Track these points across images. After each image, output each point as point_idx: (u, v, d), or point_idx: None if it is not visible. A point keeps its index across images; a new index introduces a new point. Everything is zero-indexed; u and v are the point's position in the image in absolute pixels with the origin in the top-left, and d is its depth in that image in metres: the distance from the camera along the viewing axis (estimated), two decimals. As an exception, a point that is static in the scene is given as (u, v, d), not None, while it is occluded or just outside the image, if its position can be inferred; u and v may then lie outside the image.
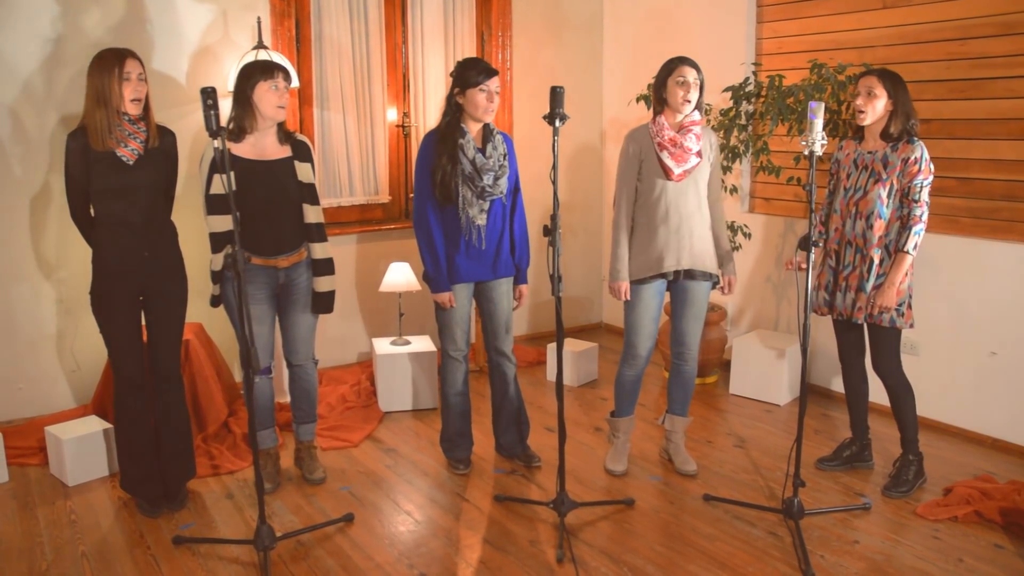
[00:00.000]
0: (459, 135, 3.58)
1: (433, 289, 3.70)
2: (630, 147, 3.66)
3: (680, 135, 3.58)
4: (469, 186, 3.59)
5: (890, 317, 3.55)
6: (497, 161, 3.64)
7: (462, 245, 3.65)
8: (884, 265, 3.54)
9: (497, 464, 4.03)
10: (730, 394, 4.95)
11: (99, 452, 3.88)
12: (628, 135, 3.71)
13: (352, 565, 3.16)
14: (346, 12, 5.08)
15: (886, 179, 3.50)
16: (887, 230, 3.53)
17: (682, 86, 3.55)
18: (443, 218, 3.66)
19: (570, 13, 5.93)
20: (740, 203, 5.24)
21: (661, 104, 3.65)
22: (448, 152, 3.57)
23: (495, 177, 3.62)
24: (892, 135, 3.51)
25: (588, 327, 6.31)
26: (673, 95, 3.57)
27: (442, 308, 3.73)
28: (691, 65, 3.58)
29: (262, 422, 3.74)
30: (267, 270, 3.54)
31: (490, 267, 3.73)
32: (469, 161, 3.57)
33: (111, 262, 3.37)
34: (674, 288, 3.76)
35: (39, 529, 3.44)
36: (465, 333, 3.81)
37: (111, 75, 3.21)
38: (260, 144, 3.50)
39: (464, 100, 3.57)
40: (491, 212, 3.67)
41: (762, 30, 5.09)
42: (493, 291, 3.79)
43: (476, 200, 3.61)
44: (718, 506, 3.59)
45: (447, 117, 3.63)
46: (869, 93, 3.51)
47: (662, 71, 3.63)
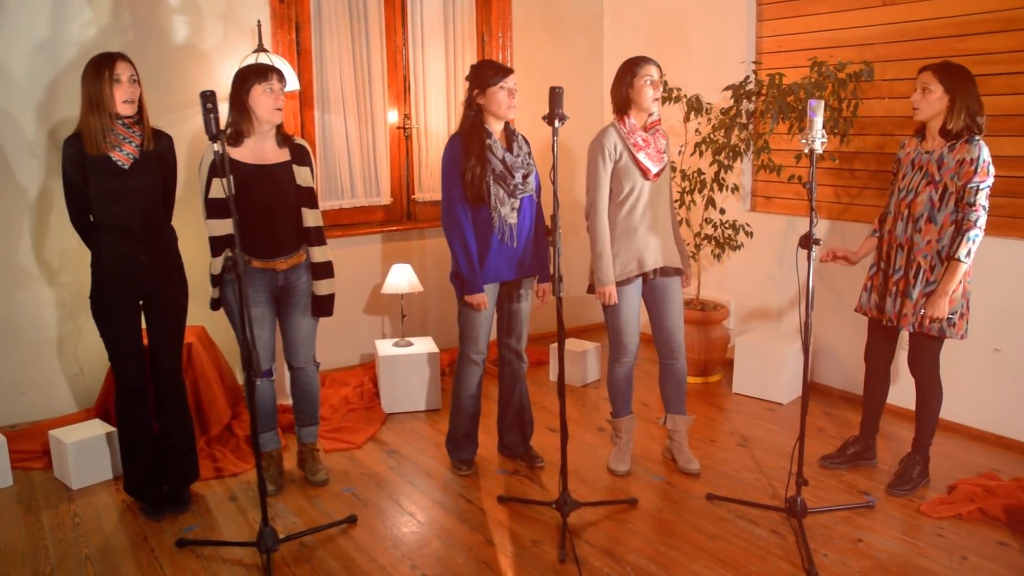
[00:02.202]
0: (485, 135, 3.59)
1: (467, 291, 3.66)
2: (604, 149, 3.62)
3: (650, 135, 3.61)
4: (501, 185, 3.59)
5: (939, 327, 3.45)
6: (524, 159, 3.66)
7: (494, 244, 3.64)
8: (936, 272, 3.42)
9: (500, 465, 4.03)
10: (733, 393, 4.95)
11: (102, 456, 3.89)
12: (599, 137, 3.66)
13: (355, 567, 3.16)
14: (346, 14, 5.09)
15: (939, 181, 3.39)
16: (940, 235, 3.41)
17: (652, 85, 3.56)
18: (474, 219, 3.64)
19: (570, 14, 5.93)
20: (741, 202, 5.24)
21: (628, 104, 3.63)
22: (476, 153, 3.57)
23: (524, 175, 3.64)
24: (951, 132, 3.39)
25: (590, 327, 6.30)
26: (643, 95, 3.58)
27: (474, 310, 3.71)
28: (655, 64, 3.60)
29: (264, 424, 3.74)
30: (266, 273, 3.55)
31: (518, 265, 3.73)
32: (499, 160, 3.58)
33: (109, 266, 3.38)
34: (650, 286, 3.77)
35: (43, 533, 3.45)
36: (487, 336, 3.81)
37: (102, 78, 3.22)
38: (258, 148, 3.50)
39: (485, 100, 3.58)
40: (521, 210, 3.68)
41: (762, 28, 5.09)
42: (517, 290, 3.81)
43: (508, 198, 3.61)
44: (721, 505, 3.59)
45: (469, 119, 3.63)
46: (924, 89, 3.41)
47: (625, 72, 3.61)
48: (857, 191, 4.69)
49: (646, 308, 3.84)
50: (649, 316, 3.86)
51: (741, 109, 4.77)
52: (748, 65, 5.03)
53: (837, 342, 4.73)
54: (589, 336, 5.91)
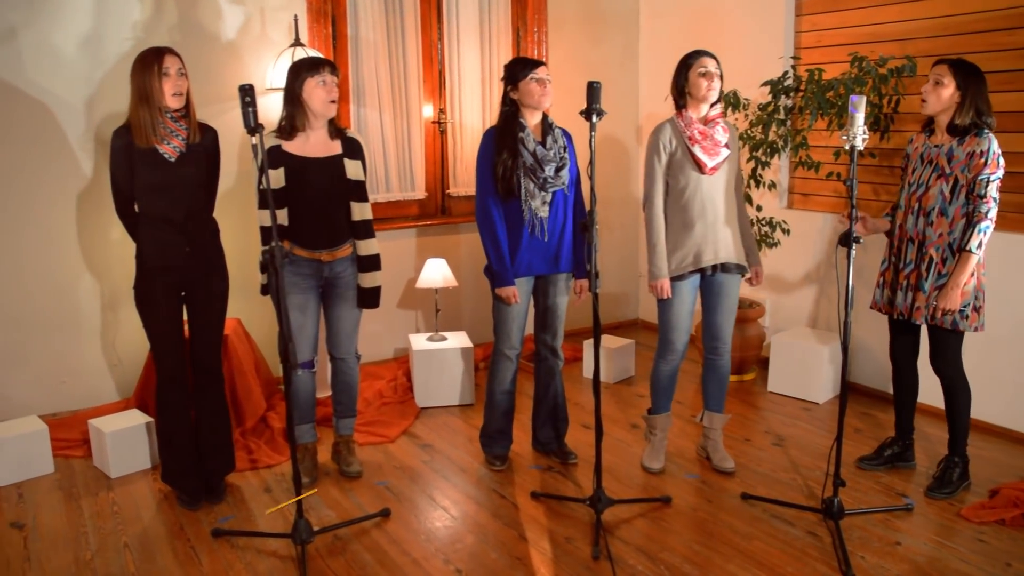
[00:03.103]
0: (518, 129, 3.61)
1: (497, 284, 3.69)
2: (660, 143, 3.63)
3: (708, 128, 3.56)
4: (531, 178, 3.60)
5: (952, 319, 3.45)
6: (557, 153, 3.65)
7: (524, 238, 3.65)
8: (947, 265, 3.44)
9: (534, 460, 4.02)
10: (768, 392, 4.90)
11: (141, 445, 3.94)
12: (655, 132, 3.67)
13: (389, 560, 3.17)
14: (382, 9, 5.10)
15: (949, 174, 3.41)
16: (951, 228, 3.42)
17: (705, 76, 3.53)
18: (505, 213, 3.66)
19: (606, 9, 5.90)
20: (778, 199, 5.18)
21: (684, 98, 3.63)
22: (508, 146, 3.60)
23: (556, 168, 3.63)
24: (958, 127, 3.41)
25: (624, 323, 6.28)
26: (698, 87, 3.55)
27: (505, 303, 3.72)
28: (711, 56, 3.57)
29: (302, 416, 3.77)
30: (312, 263, 3.59)
31: (552, 260, 3.73)
32: (530, 153, 3.59)
33: (153, 257, 3.42)
34: (708, 282, 3.73)
35: (83, 519, 3.51)
36: (521, 330, 3.80)
37: (151, 72, 3.26)
38: (310, 141, 3.54)
39: (519, 94, 3.62)
40: (553, 204, 3.67)
41: (801, 23, 5.03)
42: (552, 285, 3.80)
43: (538, 192, 3.61)
44: (756, 505, 3.56)
45: (504, 115, 3.67)
46: (936, 82, 3.40)
47: (681, 65, 3.61)
48: (896, 188, 4.61)
49: (701, 302, 3.82)
50: (702, 310, 3.84)
51: (779, 105, 4.72)
52: (787, 60, 4.97)
53: (874, 341, 4.66)
54: (623, 332, 5.88)
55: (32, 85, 4.19)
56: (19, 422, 3.99)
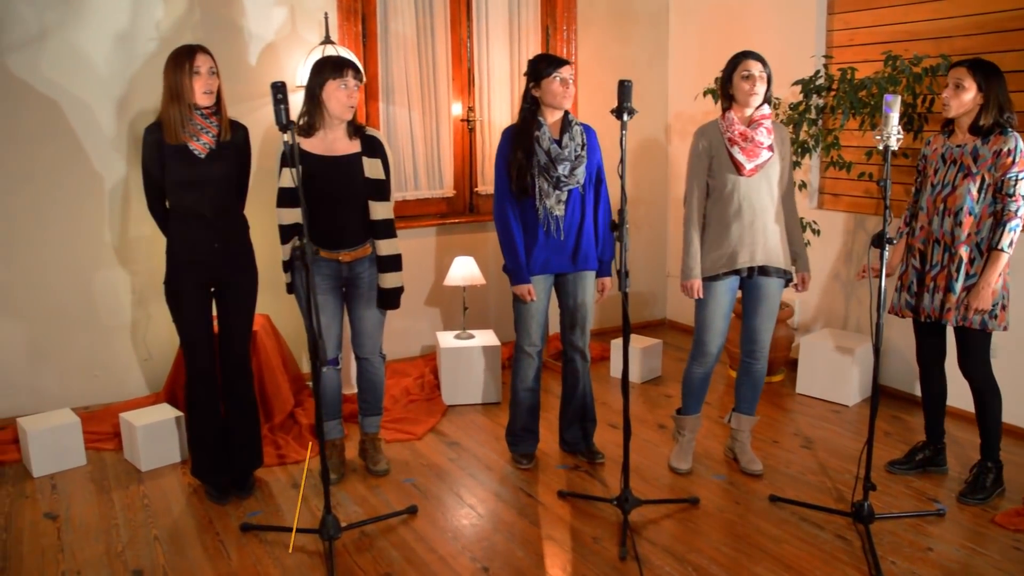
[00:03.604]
0: (535, 128, 3.61)
1: (513, 281, 3.70)
2: (700, 143, 3.62)
3: (751, 129, 3.53)
4: (545, 176, 3.60)
5: (981, 319, 3.41)
6: (573, 151, 3.64)
7: (540, 236, 3.65)
8: (975, 264, 3.40)
9: (560, 460, 4.02)
10: (796, 393, 4.86)
11: (171, 439, 3.98)
12: (698, 131, 3.66)
13: (416, 557, 3.18)
14: (412, 7, 5.11)
15: (976, 173, 3.37)
16: (978, 227, 3.39)
17: (747, 80, 3.50)
18: (521, 210, 3.67)
19: (636, 7, 5.87)
20: (808, 199, 5.13)
21: (728, 100, 3.60)
22: (523, 145, 3.61)
23: (571, 167, 3.62)
24: (982, 128, 3.37)
25: (652, 323, 6.25)
26: (739, 89, 3.52)
27: (522, 301, 3.73)
28: (756, 58, 3.53)
29: (329, 413, 3.78)
30: (331, 263, 3.59)
31: (569, 258, 3.72)
32: (544, 152, 3.59)
33: (183, 253, 3.45)
34: (747, 285, 3.70)
35: (115, 512, 3.55)
36: (541, 327, 3.80)
37: (183, 70, 3.29)
38: (328, 139, 3.53)
39: (540, 92, 3.62)
40: (569, 202, 3.67)
41: (833, 21, 4.98)
42: (573, 284, 3.78)
43: (552, 191, 3.61)
44: (784, 507, 3.53)
45: (524, 112, 3.67)
46: (957, 85, 3.37)
47: (727, 66, 3.59)
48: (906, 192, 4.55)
49: (740, 305, 3.79)
50: (741, 313, 3.82)
51: (810, 104, 4.67)
52: (818, 59, 4.92)
53: (904, 344, 4.61)
54: (651, 332, 5.86)
55: (66, 84, 4.24)
56: (53, 414, 4.04)
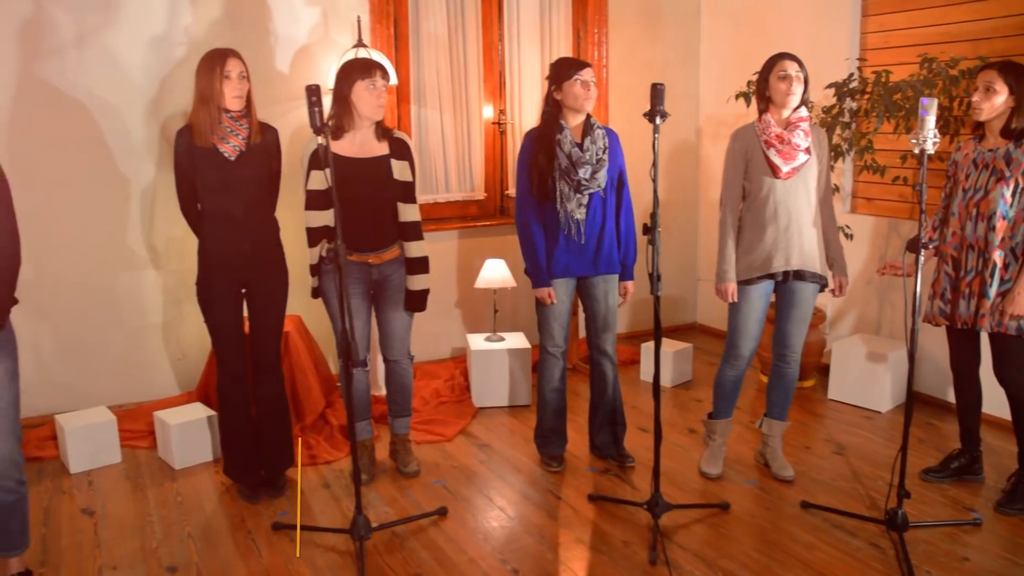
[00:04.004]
0: (556, 131, 3.61)
1: (534, 284, 3.72)
2: (736, 145, 3.59)
3: (787, 132, 3.50)
4: (566, 180, 3.60)
5: (1017, 325, 3.36)
6: (595, 155, 3.63)
7: (561, 240, 3.66)
8: (1010, 270, 3.36)
9: (590, 463, 4.01)
10: (828, 399, 4.81)
11: (204, 438, 4.02)
12: (734, 134, 3.64)
13: (446, 558, 3.19)
14: (443, 9, 5.13)
15: (1010, 177, 3.32)
16: (1012, 231, 3.34)
17: (784, 80, 3.48)
18: (543, 213, 3.67)
19: (667, 9, 5.85)
20: (841, 203, 5.08)
21: (765, 102, 3.57)
22: (545, 149, 3.61)
23: (592, 170, 3.61)
24: (1014, 131, 3.33)
25: (682, 327, 6.23)
26: (776, 91, 3.50)
27: (543, 304, 3.73)
28: (792, 59, 3.51)
29: (358, 414, 3.79)
30: (360, 266, 3.61)
31: (591, 262, 3.72)
32: (565, 155, 3.59)
33: (215, 254, 3.49)
34: (781, 289, 3.67)
35: (149, 509, 3.59)
36: (564, 329, 3.80)
37: (213, 74, 3.32)
38: (357, 142, 3.55)
39: (562, 95, 3.61)
40: (590, 206, 3.66)
41: (867, 24, 4.92)
42: (595, 288, 3.78)
43: (573, 194, 3.61)
44: (816, 514, 3.50)
45: (545, 115, 3.67)
46: (987, 88, 3.33)
47: (764, 68, 3.57)
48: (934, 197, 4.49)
49: (774, 309, 3.76)
50: (774, 317, 3.79)
51: (844, 108, 4.63)
52: (852, 62, 4.87)
53: (938, 350, 4.55)
54: (681, 336, 5.83)
55: (100, 88, 4.30)
56: (89, 412, 4.10)
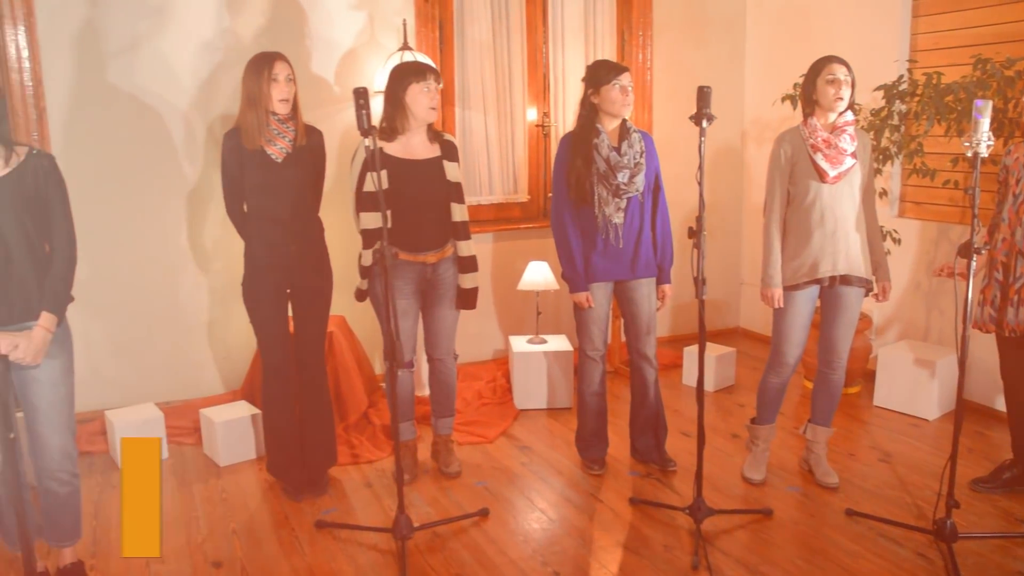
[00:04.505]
0: (593, 135, 3.60)
1: (571, 289, 3.72)
2: (781, 149, 3.55)
3: (834, 136, 3.46)
4: (604, 184, 3.59)
5: None
6: (632, 159, 3.62)
7: (599, 244, 3.65)
8: None
9: (631, 466, 4.00)
10: (874, 406, 4.74)
11: (248, 436, 4.08)
12: (779, 137, 3.60)
13: (487, 559, 3.20)
14: (488, 13, 5.16)
15: None
16: None
17: (832, 84, 3.44)
18: (580, 218, 3.67)
19: (712, 11, 5.81)
20: (889, 207, 5.01)
21: (811, 105, 3.54)
22: (582, 153, 3.60)
23: (630, 175, 3.61)
24: None
25: (725, 331, 6.18)
26: (824, 94, 3.46)
27: (580, 308, 3.73)
28: (841, 63, 3.47)
29: (402, 414, 3.82)
30: (415, 266, 3.63)
31: (628, 266, 3.71)
32: (603, 159, 3.58)
33: (261, 256, 3.53)
34: (826, 294, 3.63)
35: (195, 504, 3.65)
36: (603, 333, 3.80)
37: (261, 77, 3.37)
38: (410, 144, 3.59)
39: (599, 99, 3.61)
40: (628, 210, 3.65)
41: (918, 24, 4.84)
42: (633, 291, 3.76)
43: (612, 199, 3.60)
44: (861, 522, 3.44)
45: (582, 119, 3.67)
46: None
47: (810, 71, 3.53)
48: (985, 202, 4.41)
49: (819, 315, 3.73)
50: (819, 323, 3.75)
51: (893, 110, 4.56)
52: (902, 64, 4.80)
53: (989, 357, 4.44)
54: (724, 340, 5.78)
55: (153, 89, 4.39)
56: (137, 408, 4.19)
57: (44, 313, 2.71)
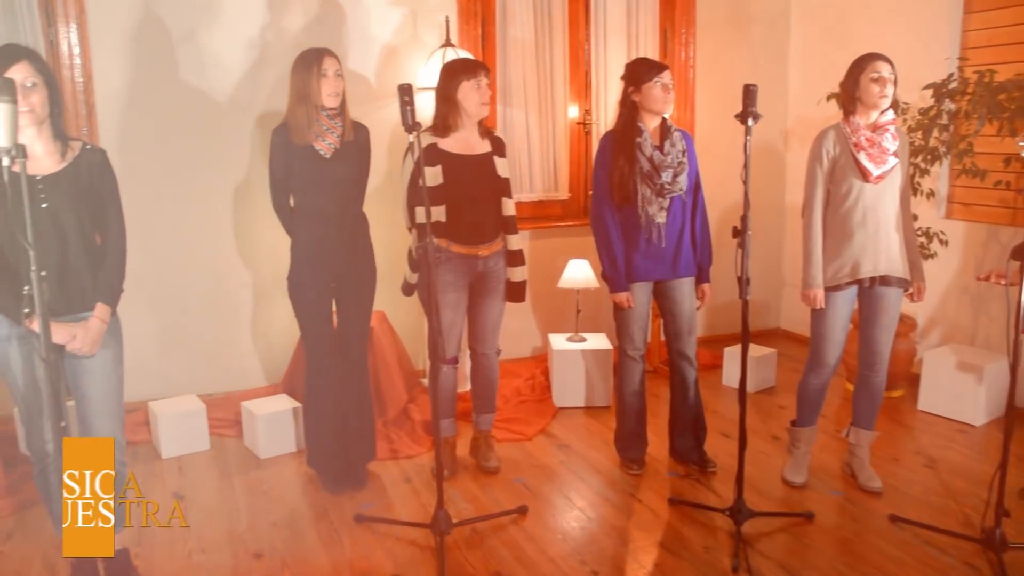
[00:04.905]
0: (636, 133, 3.58)
1: (611, 289, 3.70)
2: (823, 147, 3.51)
3: (876, 135, 3.41)
4: (648, 184, 3.56)
5: None
6: (675, 158, 3.60)
7: (641, 243, 3.63)
8: None
9: (670, 467, 3.97)
10: (918, 410, 4.65)
11: (288, 429, 4.11)
12: (819, 136, 3.55)
13: (525, 557, 3.19)
14: (530, 10, 5.15)
15: None
16: None
17: (877, 82, 3.38)
18: (621, 217, 3.65)
19: (756, 9, 5.75)
20: (936, 208, 4.92)
21: (853, 103, 3.48)
22: (625, 152, 3.58)
23: (674, 174, 3.59)
24: None
25: (765, 332, 6.11)
26: (868, 92, 3.40)
27: (620, 308, 3.71)
28: (885, 60, 3.41)
29: (444, 411, 3.83)
30: (468, 259, 3.65)
31: (670, 266, 3.69)
32: (647, 159, 3.55)
33: (307, 250, 3.56)
34: (866, 295, 3.58)
35: (236, 496, 3.69)
36: (643, 332, 3.78)
37: (310, 72, 3.39)
38: (463, 139, 3.62)
39: (640, 97, 3.58)
40: (671, 210, 3.63)
41: (970, 21, 4.74)
42: (674, 291, 3.74)
43: (655, 198, 3.58)
44: (906, 528, 3.38)
45: (623, 117, 3.65)
46: None
47: (853, 68, 3.47)
48: None
49: (858, 315, 3.67)
50: (859, 324, 3.70)
51: (942, 109, 4.48)
52: (952, 61, 4.70)
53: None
54: (764, 341, 5.72)
55: (202, 85, 4.45)
56: (180, 400, 4.24)
57: (99, 304, 2.76)
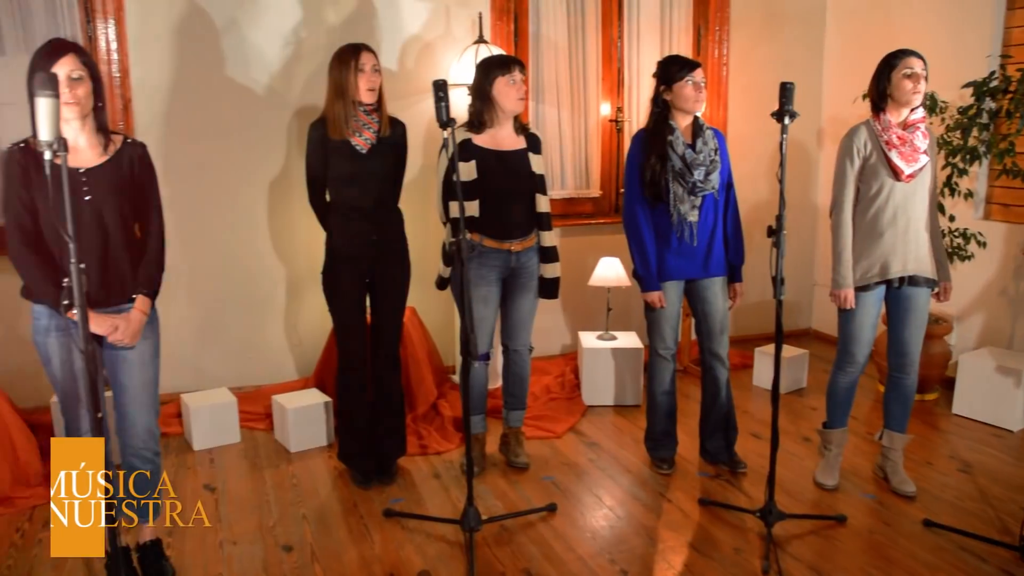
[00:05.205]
0: (668, 132, 3.56)
1: (643, 288, 3.68)
2: (854, 145, 3.47)
3: (908, 132, 3.37)
4: (680, 182, 3.54)
5: None
6: (708, 156, 3.58)
7: (673, 242, 3.61)
8: None
9: (700, 467, 3.94)
10: (952, 414, 4.59)
11: (319, 423, 4.13)
12: (849, 133, 3.51)
13: (554, 554, 3.19)
14: (564, 7, 5.13)
15: None
16: None
17: (910, 78, 3.34)
18: (653, 216, 3.63)
19: (790, 6, 5.69)
20: (974, 209, 4.84)
21: (884, 100, 3.44)
22: (657, 150, 3.56)
23: (706, 172, 3.56)
24: None
25: (796, 332, 6.06)
26: (901, 89, 3.36)
27: (651, 307, 3.69)
28: (918, 56, 3.37)
29: (474, 407, 3.84)
30: (501, 254, 3.65)
31: (701, 264, 3.66)
32: (679, 157, 3.53)
33: (343, 246, 3.58)
34: (895, 295, 3.54)
35: (266, 489, 3.72)
36: (674, 331, 3.76)
37: (348, 67, 3.42)
38: (498, 135, 3.62)
39: (672, 96, 3.57)
40: (703, 208, 3.61)
41: (1013, 18, 4.66)
42: (706, 290, 3.71)
43: (687, 196, 3.56)
44: (940, 534, 3.34)
45: (655, 115, 3.63)
46: None
47: (884, 64, 3.43)
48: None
49: (886, 316, 3.63)
50: (887, 325, 3.66)
51: (983, 108, 4.41)
52: (994, 59, 4.62)
53: (1081, 368, 4.29)
54: (795, 342, 5.67)
55: (240, 80, 4.48)
56: (212, 393, 4.28)
57: (140, 296, 2.79)
